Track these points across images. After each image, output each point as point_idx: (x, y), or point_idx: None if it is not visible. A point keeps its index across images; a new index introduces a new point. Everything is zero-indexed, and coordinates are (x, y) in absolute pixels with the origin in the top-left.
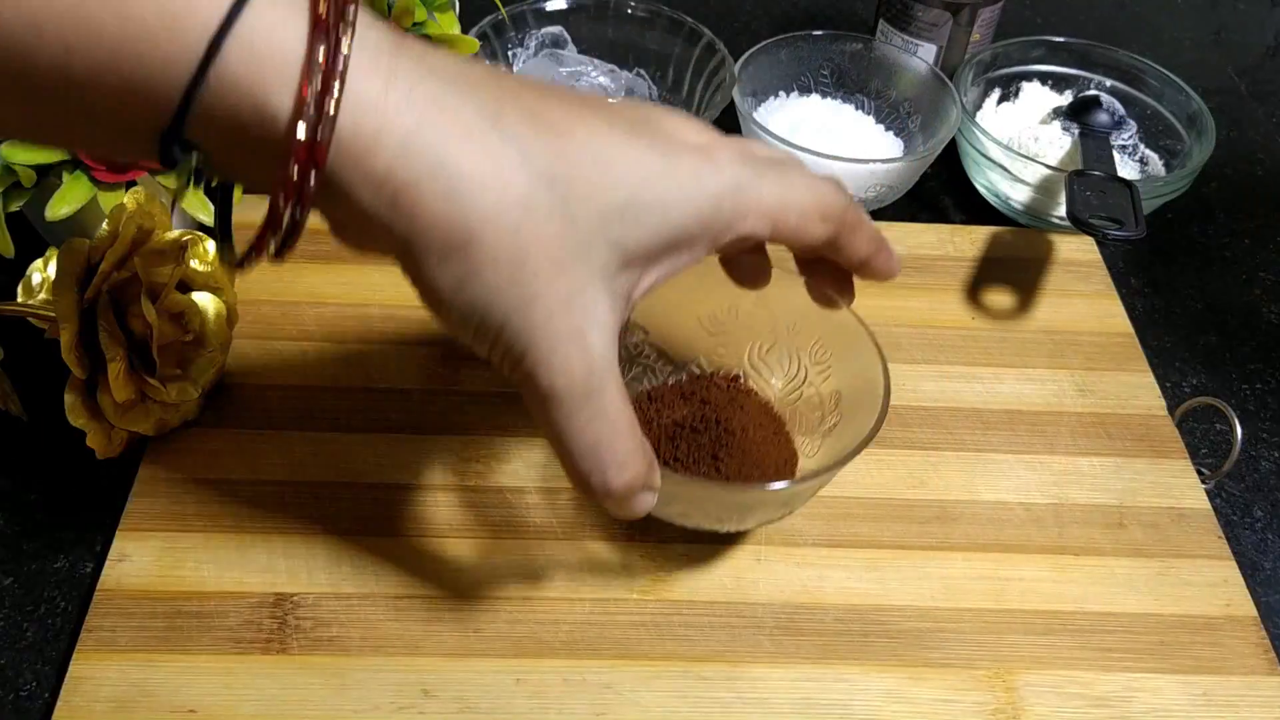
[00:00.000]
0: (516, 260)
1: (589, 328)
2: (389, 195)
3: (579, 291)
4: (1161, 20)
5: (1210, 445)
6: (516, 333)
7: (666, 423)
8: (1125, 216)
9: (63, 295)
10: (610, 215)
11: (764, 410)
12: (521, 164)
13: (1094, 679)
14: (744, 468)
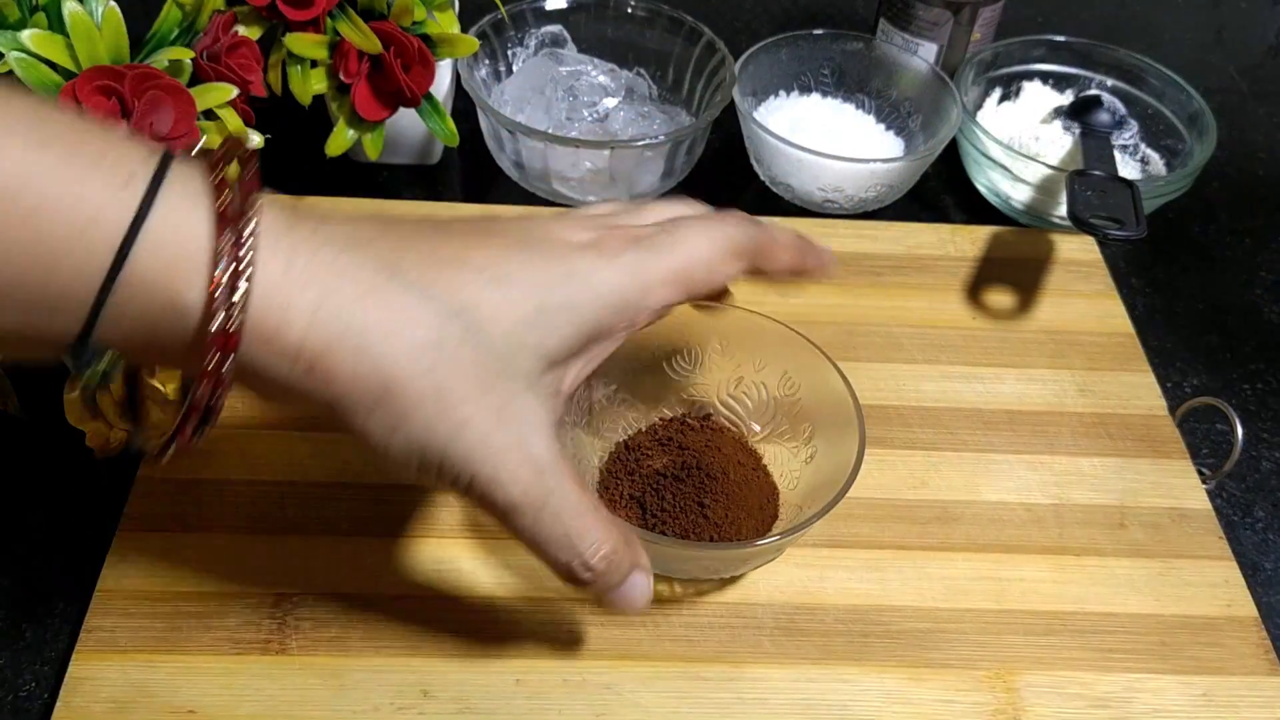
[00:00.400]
0: (439, 395)
1: (526, 434)
2: (305, 365)
3: (507, 404)
4: (1163, 19)
5: (1211, 445)
6: (457, 460)
7: (648, 472)
8: (1126, 216)
9: None
10: (522, 326)
11: (740, 447)
12: (424, 306)
13: (1095, 679)
14: (730, 511)
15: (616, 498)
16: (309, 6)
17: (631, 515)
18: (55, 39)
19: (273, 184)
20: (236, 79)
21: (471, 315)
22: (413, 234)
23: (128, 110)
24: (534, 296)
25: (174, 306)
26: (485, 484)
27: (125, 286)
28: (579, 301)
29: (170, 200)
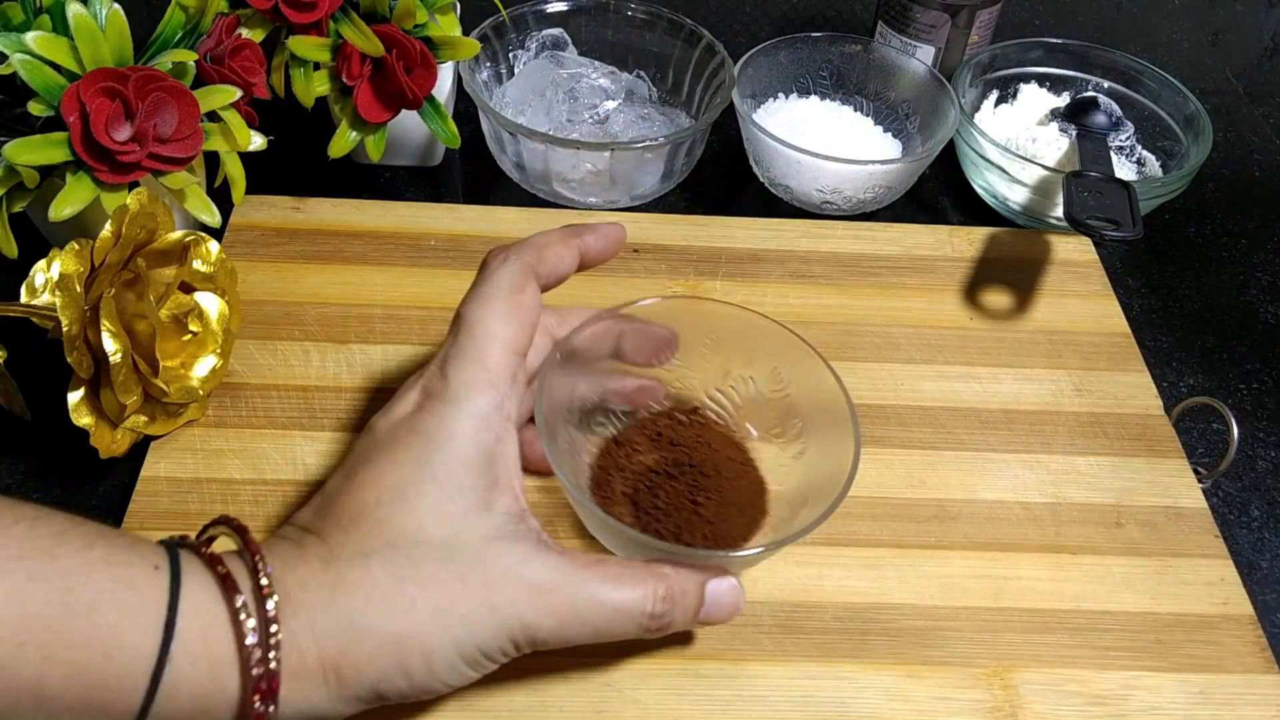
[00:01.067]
0: (435, 615)
1: (516, 573)
2: (334, 678)
3: (483, 568)
4: (1159, 22)
5: (1207, 445)
6: (490, 643)
7: (639, 468)
8: (1122, 217)
9: (66, 296)
10: (448, 512)
11: (728, 442)
12: (371, 563)
13: (1091, 677)
14: (722, 508)
15: (610, 495)
16: (312, 9)
17: (624, 513)
18: (60, 41)
19: (277, 186)
20: (240, 81)
21: (402, 537)
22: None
23: (131, 112)
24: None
25: (219, 691)
26: (529, 635)
27: (175, 658)
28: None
29: (192, 581)
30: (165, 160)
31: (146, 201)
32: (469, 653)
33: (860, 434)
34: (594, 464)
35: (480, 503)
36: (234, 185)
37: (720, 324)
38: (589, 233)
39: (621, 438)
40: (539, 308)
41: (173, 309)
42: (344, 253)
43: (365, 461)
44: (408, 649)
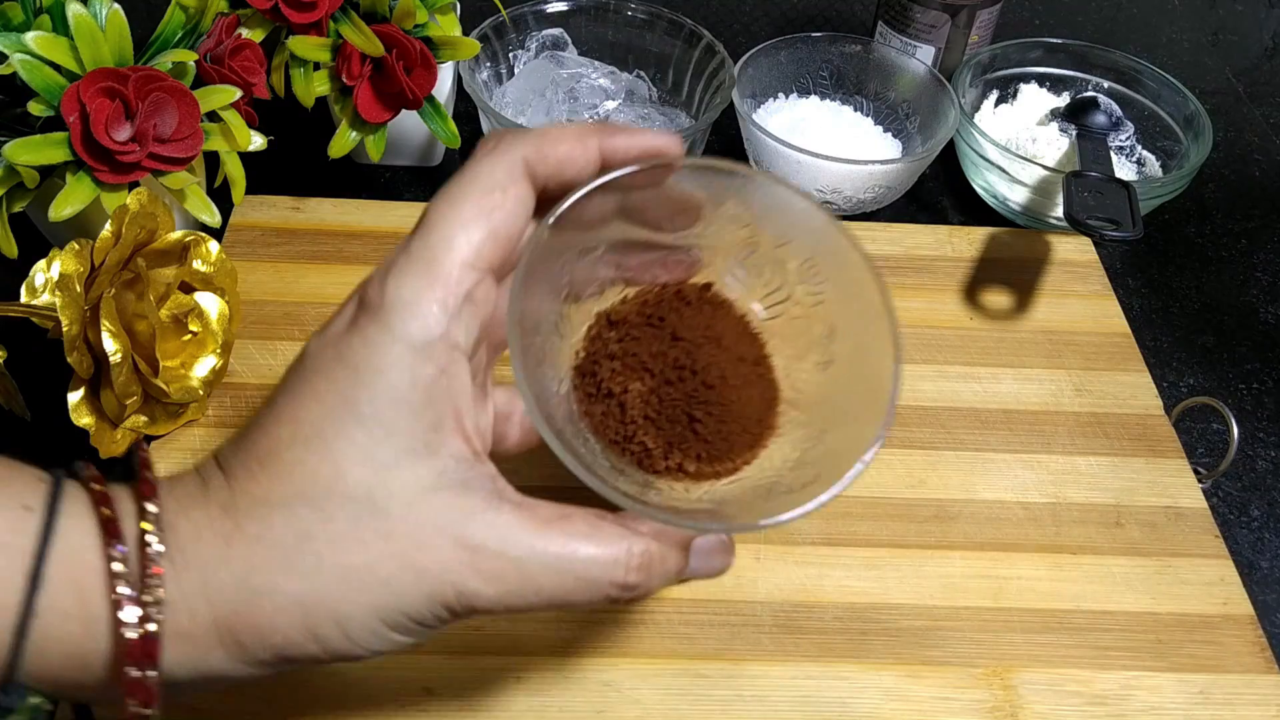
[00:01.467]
0: (348, 576)
1: (455, 531)
2: (232, 640)
3: (412, 524)
4: (1159, 22)
5: (1207, 445)
6: (420, 605)
7: (632, 362)
8: (1122, 217)
9: (66, 296)
10: (380, 454)
11: (742, 332)
12: (277, 515)
13: (1092, 677)
14: (724, 425)
15: (592, 392)
16: (312, 9)
17: (609, 417)
18: (59, 41)
19: (277, 186)
20: (240, 81)
21: (315, 485)
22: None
23: (131, 112)
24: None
25: (90, 628)
26: (466, 603)
27: (41, 620)
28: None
29: (69, 524)
30: (165, 160)
31: (146, 201)
32: (394, 619)
33: (902, 366)
34: (582, 346)
35: (417, 447)
36: (234, 185)
37: (754, 193)
38: (621, 133)
39: (616, 315)
40: (526, 216)
41: (173, 309)
42: (344, 253)
43: (285, 390)
44: (316, 614)
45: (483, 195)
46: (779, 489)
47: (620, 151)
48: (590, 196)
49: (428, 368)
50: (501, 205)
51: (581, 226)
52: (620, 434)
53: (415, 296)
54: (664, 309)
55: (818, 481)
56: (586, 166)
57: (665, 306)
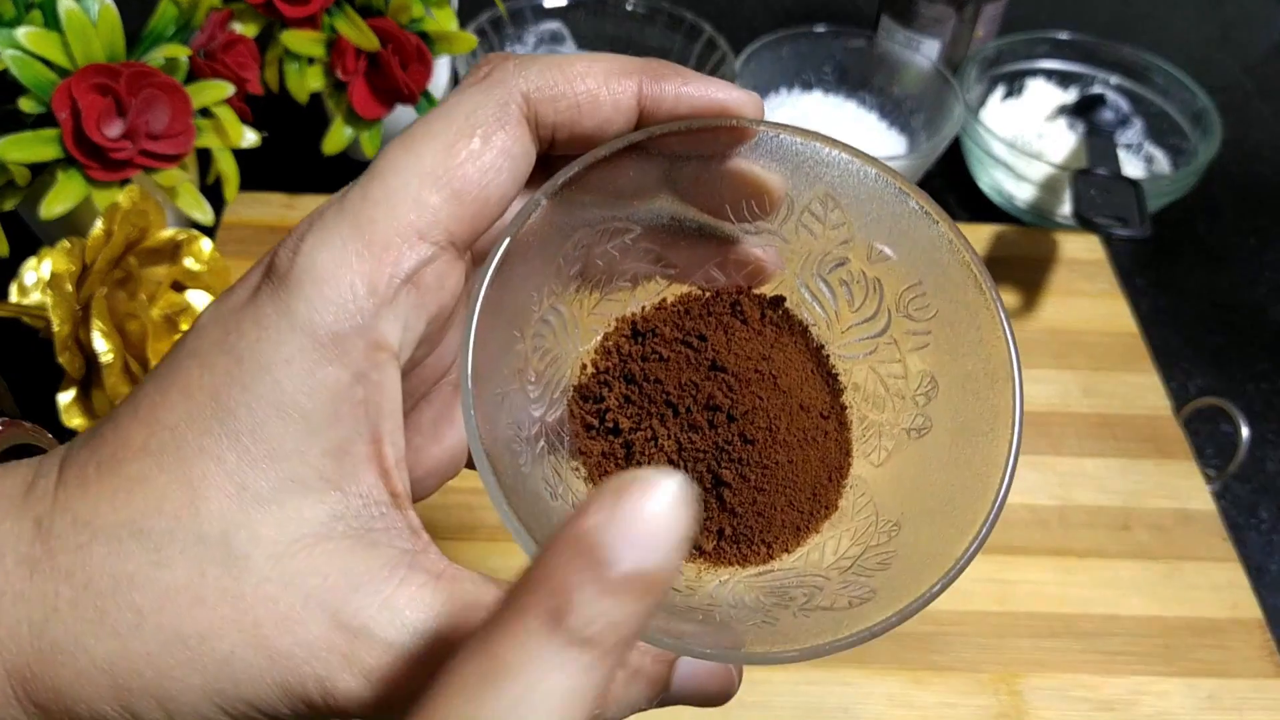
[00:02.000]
0: (173, 645)
1: (323, 602)
2: (26, 699)
3: (264, 582)
4: (1168, 17)
5: (1216, 446)
6: (250, 698)
7: (652, 390)
8: (1130, 215)
9: (57, 295)
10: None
11: (810, 371)
12: (98, 546)
13: (1099, 682)
14: (761, 496)
15: (594, 423)
16: (306, 3)
17: (609, 460)
18: (51, 36)
19: (270, 183)
20: (233, 76)
21: (158, 514)
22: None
23: (123, 109)
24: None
25: None
26: (334, 705)
27: None
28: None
29: None
30: (157, 157)
31: (138, 199)
32: (236, 708)
33: (1018, 454)
34: (590, 361)
35: (309, 478)
36: (227, 182)
37: (847, 183)
38: (674, 75)
39: (644, 323)
40: (516, 176)
41: (165, 308)
42: None
43: (155, 377)
44: (132, 688)
45: (454, 139)
46: (817, 600)
47: (670, 101)
48: (619, 159)
49: (336, 371)
50: (478, 155)
51: (605, 198)
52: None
53: (332, 270)
54: (709, 324)
55: (872, 601)
56: (617, 116)
57: (712, 321)
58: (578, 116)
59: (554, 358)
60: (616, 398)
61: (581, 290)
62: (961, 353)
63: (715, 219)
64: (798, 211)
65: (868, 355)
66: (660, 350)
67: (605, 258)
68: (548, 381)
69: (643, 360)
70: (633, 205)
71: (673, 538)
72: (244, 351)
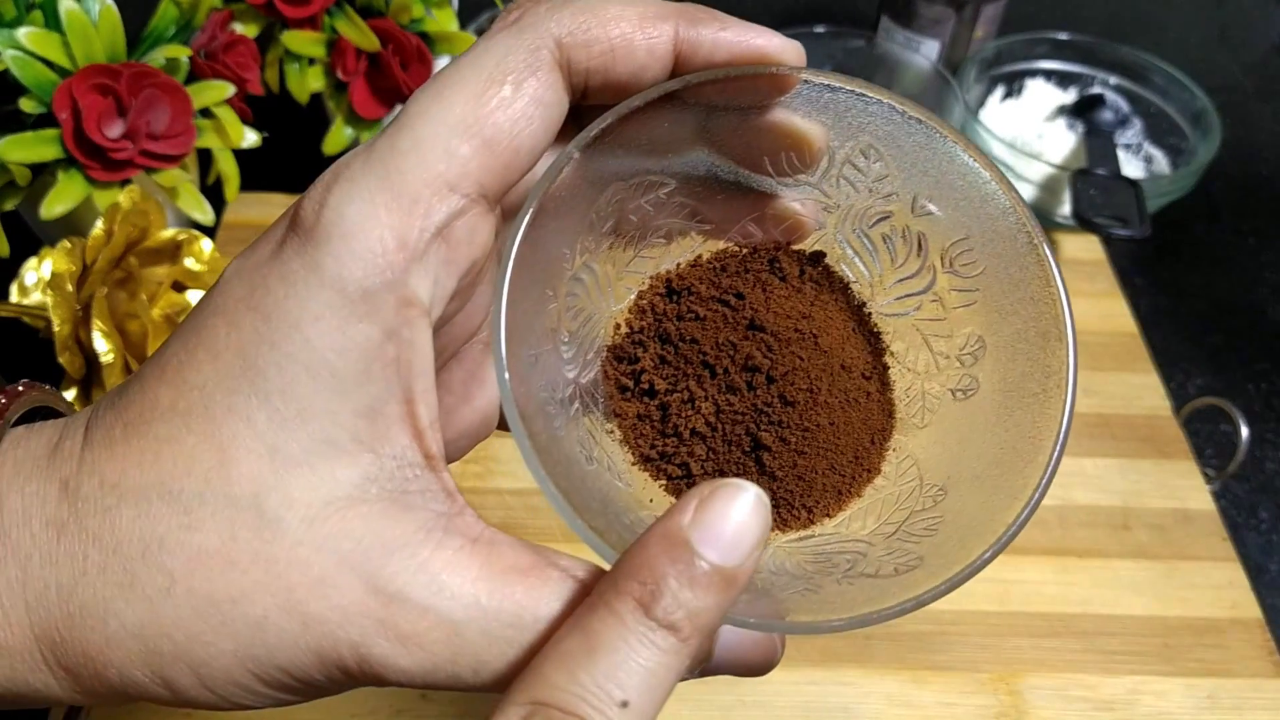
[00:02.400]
0: (206, 611)
1: (363, 570)
2: (54, 661)
3: (304, 552)
4: (1167, 18)
5: (1215, 446)
6: (292, 665)
7: (686, 350)
8: (1130, 215)
9: (57, 295)
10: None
11: (852, 330)
12: (127, 509)
13: (1099, 682)
14: (802, 459)
15: (629, 385)
16: (307, 4)
17: (645, 422)
18: (51, 37)
19: (271, 184)
20: (234, 77)
21: (188, 477)
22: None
23: (124, 109)
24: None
25: None
26: (368, 670)
27: None
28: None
29: None
30: (157, 157)
31: (139, 199)
32: (269, 674)
33: (1072, 416)
34: (624, 320)
35: (342, 439)
36: (227, 182)
37: (892, 134)
38: (712, 21)
39: (679, 280)
40: (548, 125)
41: (165, 308)
42: None
43: (181, 335)
44: (164, 652)
45: (485, 86)
46: (861, 566)
47: (707, 47)
48: (653, 109)
49: (367, 328)
50: (510, 103)
51: (639, 151)
52: (656, 449)
53: (361, 222)
54: (746, 282)
55: (920, 569)
56: (652, 63)
57: (750, 279)
58: (611, 62)
59: (587, 317)
60: (652, 358)
61: (615, 247)
62: (1011, 311)
63: (753, 172)
64: (839, 164)
65: (912, 313)
66: (696, 309)
67: (639, 213)
68: (581, 341)
69: (678, 320)
70: (667, 158)
71: (751, 540)
72: (271, 308)
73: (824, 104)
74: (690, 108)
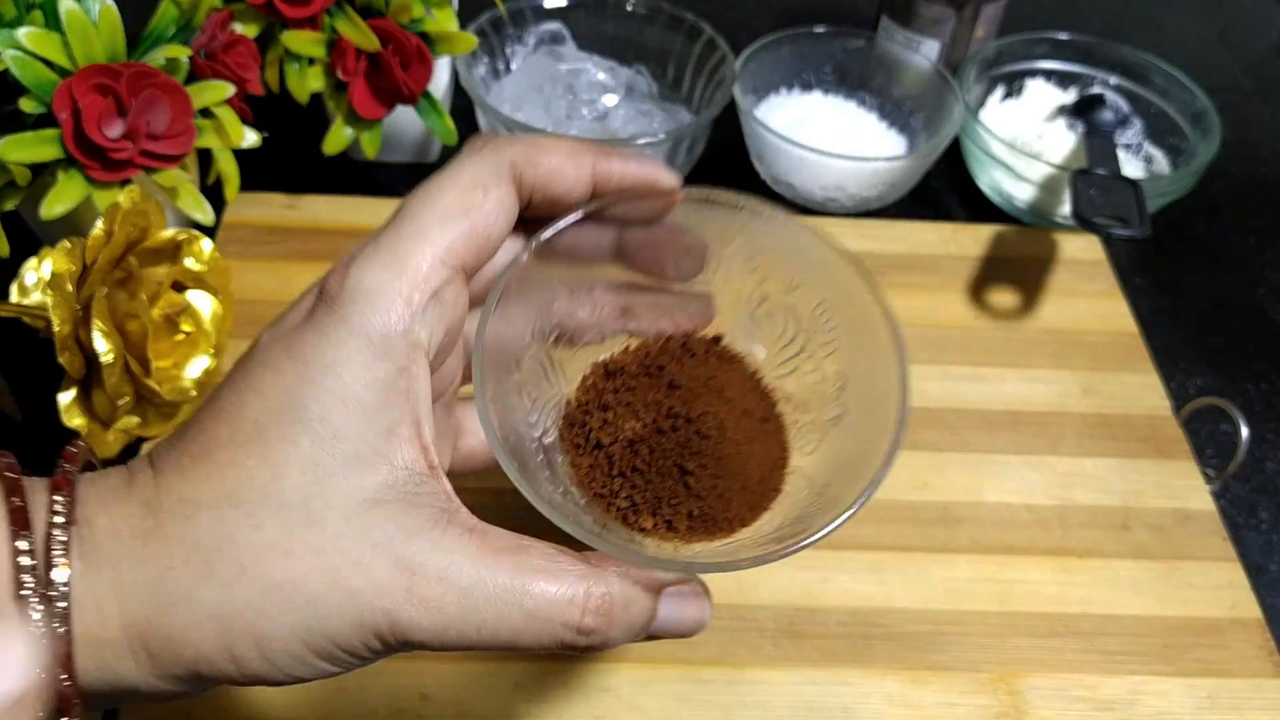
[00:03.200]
0: (270, 592)
1: (391, 548)
2: (145, 653)
3: (347, 534)
4: (1167, 17)
5: (1216, 446)
6: (345, 630)
7: (624, 414)
8: (1130, 215)
9: (57, 295)
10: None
11: (750, 387)
12: (191, 521)
13: (1099, 682)
14: (719, 480)
15: (581, 443)
16: (306, 4)
17: (596, 469)
18: (51, 37)
19: (271, 184)
20: (233, 77)
21: (249, 488)
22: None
23: (124, 109)
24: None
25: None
26: (398, 634)
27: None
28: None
29: None
30: (158, 157)
31: (139, 199)
32: (319, 644)
33: (906, 411)
34: (573, 396)
35: (366, 453)
36: (227, 182)
37: (761, 231)
38: (617, 156)
39: (613, 364)
40: (507, 221)
41: (165, 308)
42: (339, 251)
43: (229, 385)
44: (235, 629)
45: (464, 191)
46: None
47: (616, 177)
48: (579, 225)
49: (386, 366)
50: (481, 204)
51: (571, 259)
52: (606, 487)
53: (378, 288)
54: (665, 358)
55: (808, 531)
56: (577, 184)
57: (667, 356)
58: (549, 181)
59: (543, 394)
60: (597, 422)
61: (560, 340)
62: (861, 345)
63: (660, 277)
64: (724, 261)
65: (792, 373)
66: (629, 383)
67: (575, 310)
68: (541, 409)
69: (614, 392)
70: (591, 266)
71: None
72: (310, 355)
73: (704, 215)
74: (607, 222)
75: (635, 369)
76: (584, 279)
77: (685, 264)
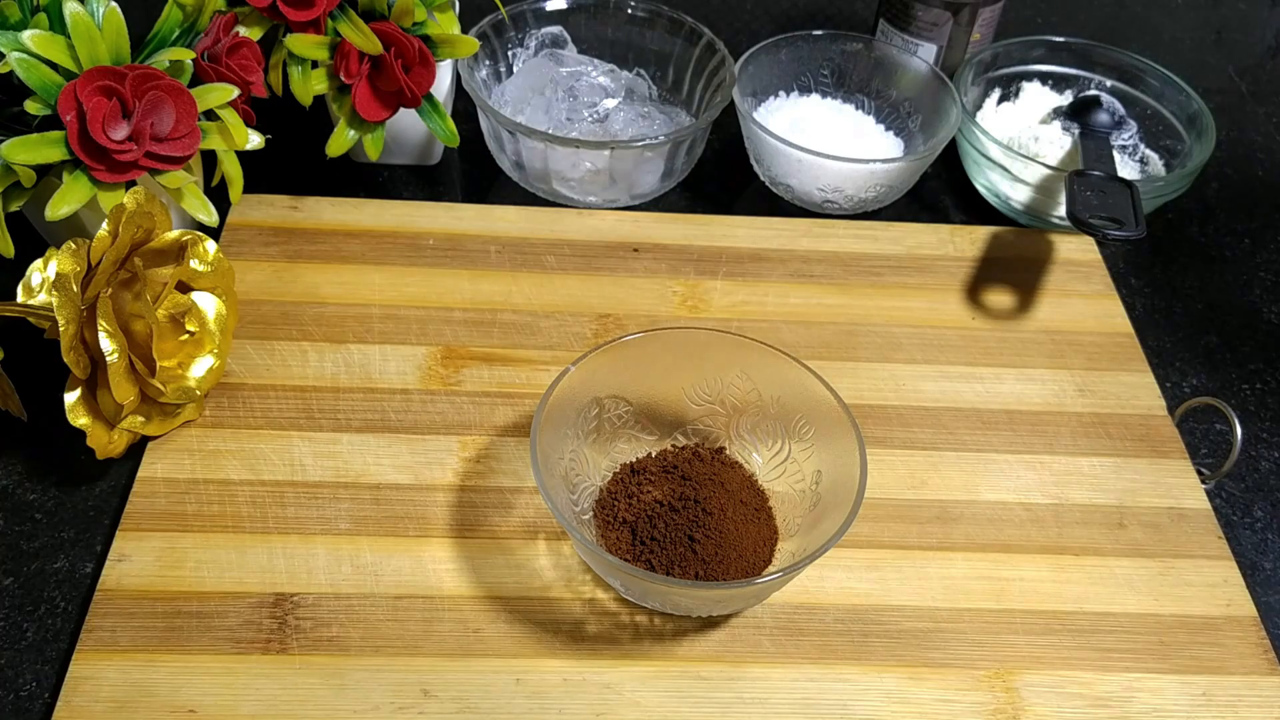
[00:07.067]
0: None
1: None
2: None
3: None
4: (1162, 20)
5: (1210, 445)
6: None
7: (647, 499)
8: (1125, 216)
9: (62, 295)
10: None
11: (746, 485)
12: None
13: (1094, 679)
14: (720, 549)
15: (610, 520)
16: (310, 7)
17: (621, 540)
18: (56, 39)
19: (274, 185)
20: (237, 80)
21: None
22: None
23: (128, 111)
24: None
25: None
26: None
27: None
28: None
29: None
30: (162, 159)
31: (143, 200)
32: None
33: (863, 490)
34: (604, 487)
35: None
36: (231, 184)
37: (754, 361)
38: None
39: (638, 466)
40: None
41: (170, 309)
42: (342, 252)
43: None
44: None
45: None
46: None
47: None
48: (612, 351)
49: None
50: None
51: (608, 376)
52: (630, 553)
53: None
54: (678, 461)
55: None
56: None
57: (680, 460)
58: None
59: (581, 482)
60: (623, 504)
61: (594, 445)
62: (831, 443)
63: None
64: (726, 385)
65: (780, 476)
66: (649, 477)
67: (607, 426)
68: (580, 494)
69: (638, 485)
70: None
71: None
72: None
73: (667, 345)
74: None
75: (655, 469)
76: (615, 392)
77: (697, 389)
